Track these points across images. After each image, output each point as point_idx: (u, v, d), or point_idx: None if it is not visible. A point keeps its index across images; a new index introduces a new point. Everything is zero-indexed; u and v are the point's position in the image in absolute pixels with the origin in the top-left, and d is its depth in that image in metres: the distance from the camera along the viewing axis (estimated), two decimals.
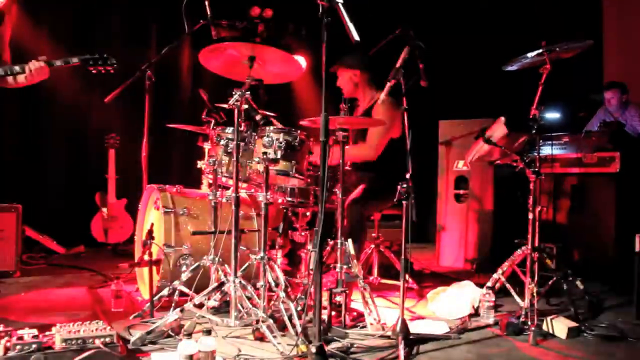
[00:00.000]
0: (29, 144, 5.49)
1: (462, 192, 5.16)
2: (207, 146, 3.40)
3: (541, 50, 3.14)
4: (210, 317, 2.81)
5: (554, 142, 4.38)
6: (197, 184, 3.96)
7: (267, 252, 2.86)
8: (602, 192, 4.16)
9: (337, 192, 3.06)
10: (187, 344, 2.17)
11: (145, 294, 3.37)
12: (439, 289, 3.49)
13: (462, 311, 3.21)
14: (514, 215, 4.55)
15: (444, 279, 4.38)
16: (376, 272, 3.97)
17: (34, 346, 2.28)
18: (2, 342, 2.25)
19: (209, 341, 2.20)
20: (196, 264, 3.12)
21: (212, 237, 3.13)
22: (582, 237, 4.24)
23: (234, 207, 2.79)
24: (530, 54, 3.21)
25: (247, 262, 2.95)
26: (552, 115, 5.03)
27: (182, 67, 6.32)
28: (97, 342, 2.33)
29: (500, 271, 3.33)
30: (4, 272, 4.06)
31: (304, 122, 3.05)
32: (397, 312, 2.58)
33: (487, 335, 2.91)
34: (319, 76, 2.31)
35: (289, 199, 3.22)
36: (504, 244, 4.55)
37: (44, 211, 5.35)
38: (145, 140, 4.33)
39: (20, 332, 2.34)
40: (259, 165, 2.90)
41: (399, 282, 2.58)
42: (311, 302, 2.36)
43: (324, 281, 2.53)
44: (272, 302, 2.91)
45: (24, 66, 2.84)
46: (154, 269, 3.11)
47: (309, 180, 3.13)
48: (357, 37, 2.27)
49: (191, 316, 2.79)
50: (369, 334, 2.82)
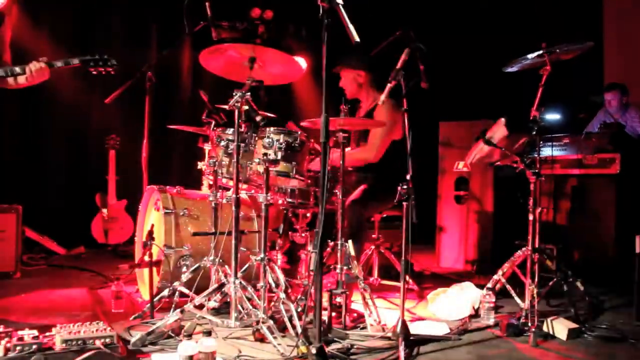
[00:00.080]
0: (29, 145, 5.50)
1: (463, 193, 5.16)
2: (207, 147, 3.41)
3: (541, 51, 3.14)
4: (210, 318, 2.81)
5: (554, 143, 4.38)
6: (198, 185, 3.96)
7: (267, 253, 2.86)
8: (603, 193, 4.16)
9: (338, 193, 3.06)
10: (187, 345, 2.17)
11: (145, 295, 3.37)
12: (439, 290, 3.49)
13: (462, 312, 3.21)
14: (514, 216, 4.55)
15: (444, 280, 4.38)
16: (376, 273, 3.96)
17: (34, 347, 2.28)
18: (3, 342, 2.25)
19: (209, 342, 2.20)
20: (196, 265, 3.12)
21: (213, 238, 3.13)
22: (583, 238, 4.24)
23: (234, 208, 2.80)
24: (530, 55, 3.21)
25: (248, 263, 2.95)
26: (553, 116, 5.04)
27: (182, 68, 6.32)
28: (98, 342, 2.33)
29: (500, 272, 3.33)
30: (4, 272, 4.05)
31: (304, 123, 3.05)
32: (398, 313, 2.57)
33: (487, 336, 2.91)
34: (320, 77, 2.31)
35: (289, 200, 3.21)
36: (504, 245, 4.55)
37: (44, 212, 5.35)
38: (145, 141, 4.34)
39: (20, 332, 2.34)
40: (259, 166, 2.90)
41: (399, 283, 2.58)
42: (311, 303, 2.36)
43: (324, 282, 2.53)
44: (273, 303, 2.91)
45: (25, 67, 2.84)
46: (154, 270, 3.11)
47: (309, 181, 3.13)
48: (357, 38, 2.27)
49: (191, 317, 2.79)
50: (369, 335, 2.82)
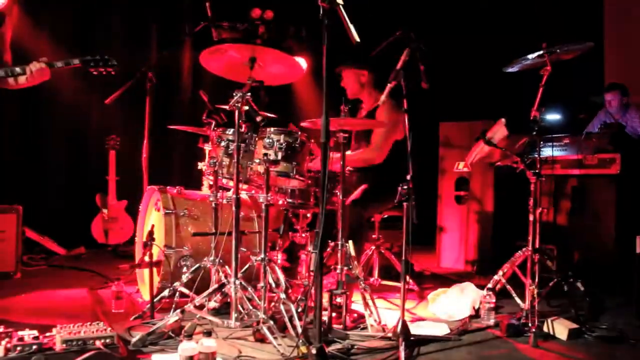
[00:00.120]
0: (29, 145, 5.50)
1: (463, 193, 5.16)
2: (207, 147, 3.41)
3: (542, 51, 3.14)
4: (210, 318, 2.81)
5: (555, 143, 4.37)
6: (198, 186, 3.96)
7: (267, 254, 2.86)
8: (603, 193, 4.15)
9: (338, 193, 3.06)
10: (187, 345, 2.17)
11: (145, 295, 3.37)
12: (440, 290, 3.49)
13: (462, 313, 3.21)
14: (514, 216, 4.55)
15: (445, 280, 4.38)
16: (377, 273, 3.96)
17: (35, 347, 2.28)
18: (3, 343, 2.25)
19: (210, 342, 2.20)
20: (197, 266, 3.12)
21: (213, 238, 3.13)
22: (583, 239, 4.24)
23: (234, 208, 2.80)
24: (530, 56, 3.21)
25: (248, 264, 2.95)
26: (553, 116, 5.04)
27: (182, 69, 6.32)
28: (98, 343, 2.34)
29: (500, 273, 3.33)
30: (5, 273, 4.05)
31: (304, 124, 3.05)
32: (398, 313, 2.57)
33: (487, 336, 2.91)
34: (320, 77, 2.31)
35: (290, 200, 3.21)
36: (505, 245, 4.56)
37: (45, 212, 5.35)
38: (145, 141, 4.34)
39: (20, 333, 2.34)
40: (259, 166, 2.90)
41: (399, 284, 2.58)
42: (312, 304, 2.36)
43: (325, 282, 2.53)
44: (273, 304, 2.91)
45: (25, 67, 2.84)
46: (155, 270, 3.11)
47: (310, 181, 3.13)
48: (357, 39, 2.28)
49: (192, 317, 2.79)
50: (370, 335, 2.82)
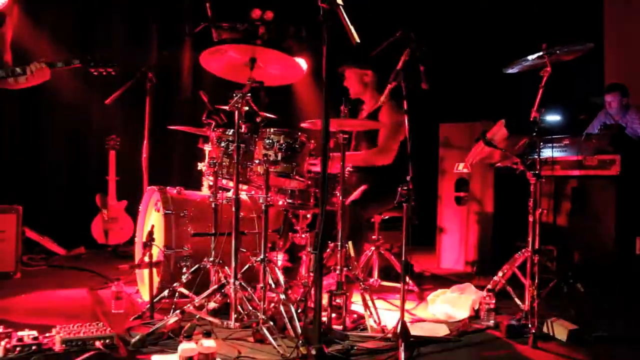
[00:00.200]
0: (29, 145, 5.50)
1: (463, 194, 5.16)
2: (207, 148, 3.41)
3: (542, 52, 3.13)
4: (210, 319, 2.81)
5: (555, 144, 4.38)
6: (198, 186, 3.96)
7: (267, 254, 2.86)
8: (603, 194, 4.15)
9: (338, 194, 3.06)
10: (187, 346, 2.17)
11: (145, 296, 3.37)
12: (439, 291, 3.49)
13: (462, 313, 3.21)
14: (514, 217, 4.55)
15: (444, 281, 4.38)
16: (376, 274, 3.96)
17: (34, 347, 2.28)
18: (2, 343, 2.25)
19: (209, 343, 2.20)
20: (196, 266, 3.12)
21: (213, 239, 3.13)
22: (583, 240, 4.24)
23: (234, 209, 2.79)
24: (530, 57, 3.21)
25: (248, 264, 2.95)
26: (553, 117, 5.04)
27: (182, 69, 6.32)
28: (97, 343, 2.34)
29: (500, 273, 3.32)
30: (4, 273, 4.05)
31: (304, 124, 3.05)
32: (398, 314, 2.57)
33: (487, 337, 2.91)
34: (320, 78, 2.31)
35: (290, 200, 3.21)
36: (505, 246, 4.56)
37: (45, 212, 5.35)
38: (145, 141, 4.34)
39: (20, 333, 2.34)
40: (259, 167, 2.90)
41: (399, 285, 2.58)
42: (311, 304, 2.36)
43: (324, 283, 2.53)
44: (272, 304, 2.91)
45: (25, 67, 2.85)
46: (154, 270, 3.11)
47: (310, 182, 3.13)
48: (357, 40, 2.28)
49: (191, 318, 2.78)
50: (369, 336, 2.82)
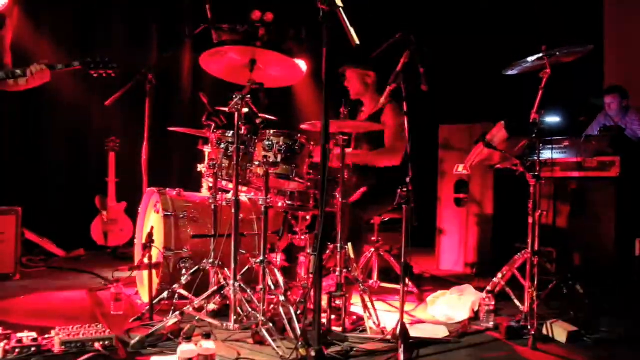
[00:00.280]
0: (29, 146, 5.50)
1: (462, 196, 5.16)
2: (207, 149, 3.41)
3: (541, 54, 3.14)
4: (209, 320, 2.80)
5: (554, 146, 4.38)
6: (197, 187, 3.96)
7: (266, 256, 2.86)
8: (602, 196, 4.15)
9: (337, 195, 3.06)
10: (186, 348, 2.17)
11: (144, 297, 3.37)
12: (439, 292, 3.49)
13: (462, 315, 3.20)
14: (514, 219, 4.55)
15: (444, 282, 4.38)
16: (376, 275, 3.96)
17: (33, 349, 2.28)
18: (2, 345, 2.25)
19: (209, 344, 2.20)
20: (196, 268, 3.12)
21: (212, 240, 3.13)
22: (582, 241, 4.24)
23: (234, 210, 2.79)
24: (530, 58, 3.21)
25: (247, 266, 2.95)
26: (553, 119, 5.04)
27: (182, 70, 6.32)
28: (97, 345, 2.34)
29: (500, 275, 3.32)
30: (4, 274, 4.05)
31: (304, 126, 3.05)
32: (397, 315, 2.57)
33: (487, 339, 2.91)
34: (320, 80, 2.31)
35: (289, 202, 3.22)
36: (504, 247, 4.55)
37: (44, 214, 5.35)
38: (145, 143, 4.34)
39: (19, 335, 2.34)
40: (259, 168, 2.90)
41: (398, 286, 2.58)
42: (311, 306, 2.36)
43: (324, 285, 2.52)
44: (272, 306, 2.91)
45: (26, 69, 2.85)
46: (154, 272, 3.11)
47: (309, 183, 3.13)
48: (357, 41, 2.28)
49: (191, 319, 2.78)
50: (369, 337, 2.81)
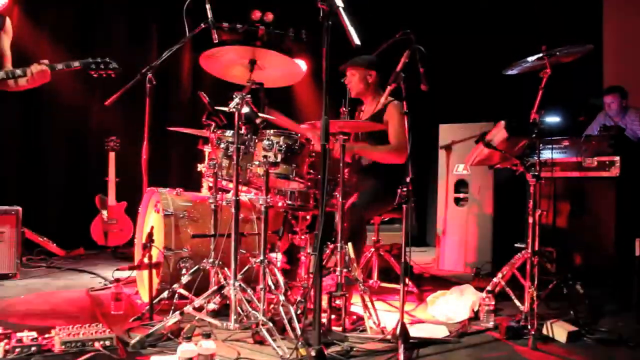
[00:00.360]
0: (29, 147, 5.50)
1: (462, 195, 5.16)
2: (207, 149, 3.41)
3: (541, 54, 3.14)
4: (209, 320, 2.80)
5: (554, 146, 4.38)
6: (197, 187, 3.96)
7: (267, 256, 2.86)
8: (602, 196, 4.15)
9: (337, 195, 3.06)
10: (186, 347, 2.17)
11: (144, 297, 3.37)
12: (439, 292, 3.49)
13: (461, 315, 3.20)
14: (513, 219, 4.55)
15: (444, 282, 4.38)
16: (376, 275, 3.96)
17: (34, 349, 2.28)
18: (2, 344, 2.25)
19: (209, 344, 2.20)
20: (196, 267, 3.12)
21: (212, 240, 3.13)
22: (582, 241, 4.24)
23: (234, 210, 2.80)
24: (530, 58, 3.21)
25: (247, 266, 2.95)
26: (552, 119, 5.04)
27: (182, 70, 6.33)
28: (97, 344, 2.34)
29: (500, 275, 3.32)
30: (4, 274, 4.06)
31: (304, 126, 3.05)
32: (397, 315, 2.57)
33: (486, 339, 2.90)
34: (320, 80, 2.31)
35: (289, 202, 3.22)
36: (504, 247, 4.56)
37: (44, 214, 5.35)
38: (145, 143, 4.33)
39: (19, 334, 2.34)
40: (259, 168, 2.90)
41: (398, 286, 2.58)
42: (311, 306, 2.36)
43: (324, 284, 2.53)
44: (272, 306, 2.91)
45: (26, 69, 2.85)
46: (154, 271, 3.11)
47: (309, 183, 3.14)
48: (357, 42, 2.28)
49: (191, 319, 2.78)
50: (369, 337, 2.81)
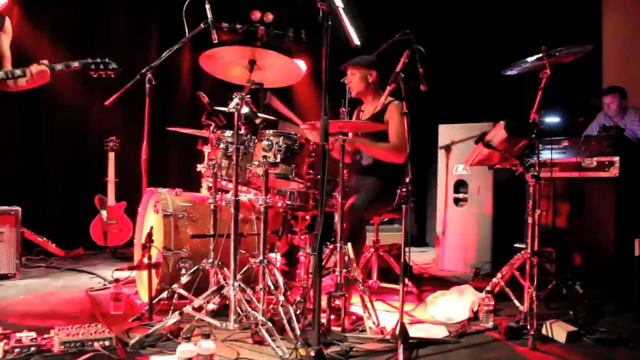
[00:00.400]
0: (29, 147, 5.50)
1: (462, 196, 5.17)
2: (206, 149, 3.41)
3: (541, 54, 3.14)
4: (209, 320, 2.80)
5: (554, 146, 4.38)
6: (197, 187, 3.96)
7: (266, 256, 2.86)
8: (602, 196, 4.15)
9: (337, 196, 3.06)
10: (185, 347, 2.17)
11: (144, 297, 3.37)
12: (438, 292, 3.49)
13: (461, 315, 3.20)
14: (513, 219, 4.56)
15: (444, 282, 4.38)
16: (375, 275, 3.96)
17: (33, 349, 2.28)
18: (1, 344, 2.25)
19: (208, 344, 2.20)
20: (195, 267, 3.12)
21: (212, 240, 3.13)
22: (582, 241, 4.24)
23: (233, 210, 2.79)
24: (530, 59, 3.21)
25: (247, 266, 2.95)
26: (552, 119, 5.05)
27: (182, 70, 6.33)
28: (96, 345, 2.34)
29: (499, 275, 3.32)
30: (3, 274, 4.05)
31: (303, 126, 3.05)
32: (396, 315, 2.57)
33: (486, 339, 2.91)
34: (319, 80, 2.31)
35: (289, 202, 3.21)
36: (504, 247, 4.57)
37: (44, 214, 5.35)
38: (145, 143, 4.33)
39: (19, 334, 2.34)
40: (258, 168, 2.90)
41: (398, 286, 2.58)
42: (310, 306, 2.36)
43: (323, 285, 2.53)
44: (272, 306, 2.91)
45: (25, 69, 2.85)
46: (153, 272, 3.11)
47: (309, 183, 3.14)
48: (357, 42, 2.28)
49: (190, 319, 2.78)
50: (368, 337, 2.81)
